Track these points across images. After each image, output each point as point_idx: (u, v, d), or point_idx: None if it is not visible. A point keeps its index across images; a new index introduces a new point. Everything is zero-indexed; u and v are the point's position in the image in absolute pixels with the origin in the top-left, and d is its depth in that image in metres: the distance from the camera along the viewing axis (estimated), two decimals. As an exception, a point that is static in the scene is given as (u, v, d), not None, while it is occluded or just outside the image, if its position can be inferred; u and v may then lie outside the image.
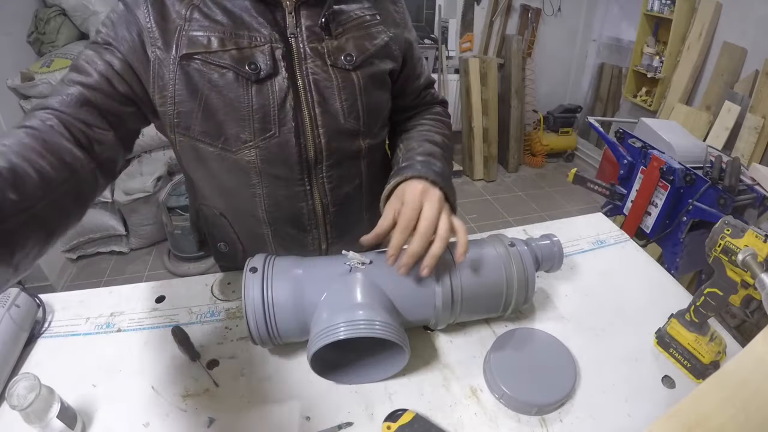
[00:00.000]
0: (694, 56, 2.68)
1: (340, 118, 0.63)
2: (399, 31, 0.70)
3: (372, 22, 0.66)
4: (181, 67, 0.56)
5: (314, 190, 0.68)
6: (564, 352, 0.64)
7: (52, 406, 0.51)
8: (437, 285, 0.61)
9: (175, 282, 0.79)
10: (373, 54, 0.65)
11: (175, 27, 0.56)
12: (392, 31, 0.68)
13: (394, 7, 0.70)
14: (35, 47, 2.21)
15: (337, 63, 0.62)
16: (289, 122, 0.60)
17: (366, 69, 0.64)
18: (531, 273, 0.65)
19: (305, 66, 0.60)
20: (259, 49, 0.57)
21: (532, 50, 3.52)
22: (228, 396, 0.60)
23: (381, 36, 0.66)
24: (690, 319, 0.64)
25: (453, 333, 0.70)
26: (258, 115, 0.58)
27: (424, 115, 0.79)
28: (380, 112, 0.71)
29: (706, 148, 1.69)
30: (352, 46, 0.62)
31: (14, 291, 0.66)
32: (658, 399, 0.61)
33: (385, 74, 0.68)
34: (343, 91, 0.62)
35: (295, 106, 0.60)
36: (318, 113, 0.62)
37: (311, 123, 0.62)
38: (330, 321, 0.55)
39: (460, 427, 0.57)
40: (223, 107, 0.58)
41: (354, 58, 0.62)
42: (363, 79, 0.64)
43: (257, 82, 0.57)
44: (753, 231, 0.54)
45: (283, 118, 0.60)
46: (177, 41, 0.55)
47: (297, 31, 0.60)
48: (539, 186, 3.37)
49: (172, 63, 0.56)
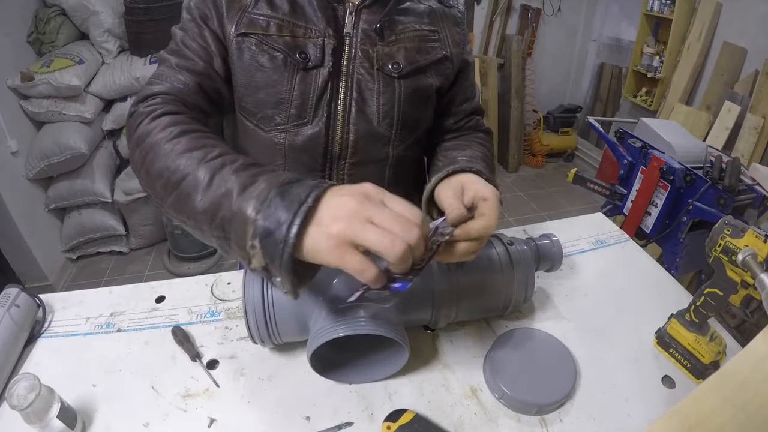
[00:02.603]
0: (694, 56, 2.68)
1: (373, 121, 0.65)
2: (457, 51, 0.70)
3: (430, 37, 0.67)
4: (237, 44, 0.60)
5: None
6: (564, 352, 0.64)
7: (52, 406, 0.51)
8: (437, 283, 0.61)
9: (175, 282, 0.79)
10: (423, 67, 0.66)
11: (241, 6, 0.60)
12: (450, 49, 0.69)
13: (457, 29, 0.71)
14: (35, 47, 2.21)
15: (383, 68, 0.63)
16: (323, 114, 0.62)
17: (411, 80, 0.65)
18: (531, 272, 0.65)
19: (353, 65, 0.63)
20: (312, 40, 0.60)
21: (532, 50, 3.51)
22: (228, 396, 0.60)
23: (436, 52, 0.67)
24: (690, 319, 0.64)
25: (453, 333, 0.70)
26: (297, 101, 0.61)
27: (465, 137, 0.76)
28: (417, 124, 0.70)
29: (706, 148, 1.69)
30: (402, 55, 0.64)
31: (14, 291, 0.66)
32: (658, 399, 0.61)
33: (430, 89, 0.68)
34: (382, 95, 0.64)
35: (333, 100, 0.62)
36: (353, 112, 0.63)
37: (344, 119, 0.64)
38: (330, 319, 0.55)
39: (460, 427, 0.57)
40: (266, 87, 0.61)
41: (401, 66, 0.64)
42: (405, 88, 0.65)
43: (304, 70, 0.60)
44: (753, 231, 0.54)
45: (318, 109, 0.62)
46: (239, 19, 0.60)
47: (353, 31, 0.62)
48: (539, 186, 3.37)
49: (231, 38, 0.60)
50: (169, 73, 0.58)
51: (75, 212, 2.30)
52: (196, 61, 0.59)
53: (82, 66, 2.12)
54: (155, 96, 0.56)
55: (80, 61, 2.13)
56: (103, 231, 2.34)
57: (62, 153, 2.06)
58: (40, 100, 2.09)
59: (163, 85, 0.57)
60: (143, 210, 2.36)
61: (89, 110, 2.19)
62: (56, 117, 2.13)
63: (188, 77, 0.58)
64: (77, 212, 2.30)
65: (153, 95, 0.56)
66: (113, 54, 2.33)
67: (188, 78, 0.58)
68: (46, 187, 2.23)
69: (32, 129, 2.17)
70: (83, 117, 2.17)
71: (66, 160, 2.08)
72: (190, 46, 0.60)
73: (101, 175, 2.27)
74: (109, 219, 2.33)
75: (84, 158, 2.17)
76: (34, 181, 2.16)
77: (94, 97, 2.26)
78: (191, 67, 0.59)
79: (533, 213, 3.01)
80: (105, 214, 2.32)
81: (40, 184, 2.22)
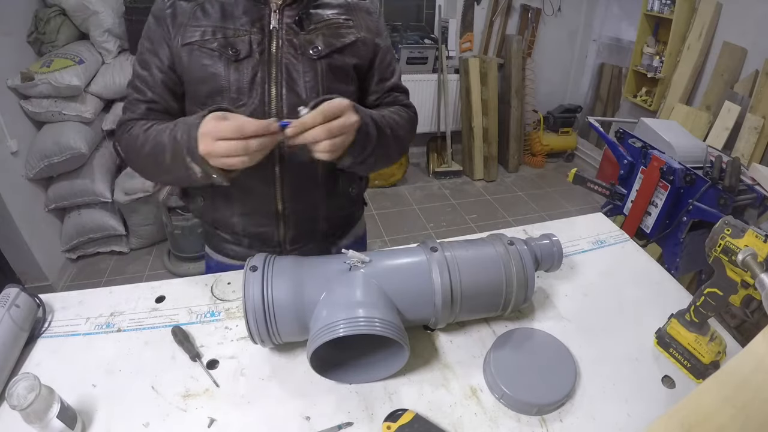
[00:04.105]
0: (694, 56, 2.68)
1: (302, 95, 0.76)
2: (370, 36, 0.83)
3: (344, 24, 0.80)
4: (183, 52, 0.74)
5: (275, 154, 0.77)
6: (564, 352, 0.64)
7: (52, 406, 0.51)
8: (437, 283, 0.61)
9: (175, 282, 0.79)
10: (339, 49, 0.78)
11: (182, 23, 0.75)
12: (363, 34, 0.82)
13: (369, 17, 0.84)
14: (35, 47, 2.21)
15: (305, 53, 0.76)
16: (257, 94, 0.75)
17: (329, 59, 0.77)
18: (530, 272, 0.65)
19: (281, 53, 0.75)
20: (240, 38, 0.74)
21: (532, 50, 3.51)
22: (228, 396, 0.60)
23: (349, 36, 0.80)
24: (690, 319, 0.64)
25: (453, 333, 0.70)
26: (234, 87, 0.74)
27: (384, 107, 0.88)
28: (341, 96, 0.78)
29: (706, 148, 1.69)
30: (320, 41, 0.77)
31: (14, 291, 0.66)
32: (658, 399, 0.61)
33: (348, 67, 0.80)
34: (307, 74, 0.76)
35: (266, 83, 0.75)
36: (284, 90, 0.76)
37: (277, 97, 0.76)
38: (330, 319, 0.55)
39: (460, 427, 0.57)
40: (210, 80, 0.74)
41: (319, 50, 0.76)
42: (325, 67, 0.77)
43: (236, 62, 0.73)
44: (753, 231, 0.54)
45: (252, 91, 0.74)
46: (182, 33, 0.74)
47: (279, 26, 0.76)
48: (539, 186, 3.37)
49: (179, 49, 0.75)
50: (132, 107, 0.78)
51: (75, 212, 2.30)
52: (147, 92, 0.77)
53: (82, 66, 2.12)
54: (125, 122, 0.78)
55: (80, 61, 2.13)
56: (103, 231, 2.33)
57: (62, 153, 2.06)
58: (40, 100, 2.09)
59: (128, 115, 0.78)
60: (143, 210, 2.36)
61: (89, 110, 2.19)
62: (56, 117, 2.13)
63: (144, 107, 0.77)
64: (77, 212, 2.30)
65: (125, 122, 0.78)
66: (113, 54, 2.33)
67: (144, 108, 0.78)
68: (46, 187, 2.23)
69: (32, 129, 2.17)
70: (83, 117, 2.17)
71: (66, 160, 2.08)
72: (144, 79, 0.77)
73: (101, 175, 2.27)
74: (109, 219, 2.33)
75: (84, 158, 2.17)
76: (34, 181, 2.16)
77: (94, 97, 2.26)
78: (145, 99, 0.77)
79: (533, 213, 3.01)
80: (105, 214, 2.32)
81: (40, 184, 2.22)
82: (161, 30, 0.75)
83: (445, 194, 3.17)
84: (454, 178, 3.36)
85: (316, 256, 0.67)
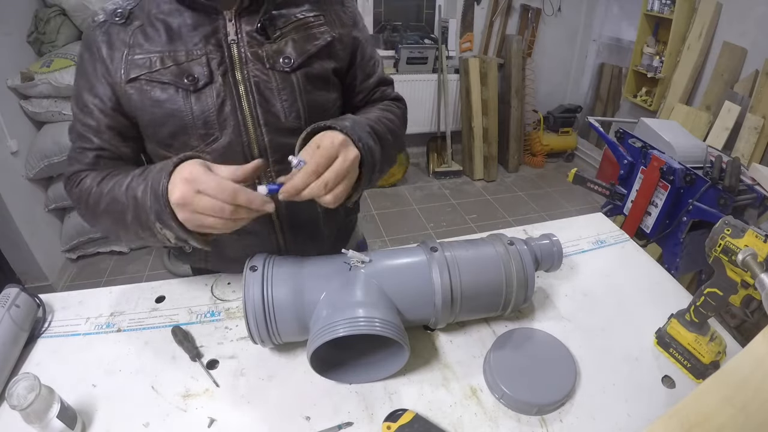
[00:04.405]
0: (694, 56, 2.68)
1: (281, 117, 0.66)
2: (346, 31, 0.72)
3: (314, 23, 0.68)
4: (129, 89, 0.62)
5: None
6: (564, 352, 0.64)
7: (52, 406, 0.51)
8: (437, 283, 0.61)
9: (175, 282, 0.79)
10: (314, 54, 0.67)
11: (121, 55, 0.62)
12: (337, 31, 0.71)
13: (342, 8, 0.73)
14: (35, 47, 2.21)
15: (275, 66, 0.65)
16: (230, 125, 0.64)
17: (305, 70, 0.67)
18: (530, 272, 0.65)
19: (246, 70, 0.64)
20: (195, 61, 0.62)
21: (532, 50, 3.51)
22: (228, 396, 0.60)
23: (323, 36, 0.69)
24: (690, 319, 0.64)
25: (453, 333, 0.70)
26: (199, 121, 0.63)
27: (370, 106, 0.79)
28: (324, 109, 0.71)
29: (706, 148, 1.69)
30: (291, 48, 0.66)
31: (14, 291, 0.66)
32: (658, 399, 0.61)
33: (327, 73, 0.70)
34: (282, 92, 0.65)
35: (237, 109, 0.64)
36: (260, 113, 0.65)
37: (254, 123, 0.65)
38: (330, 319, 0.55)
39: (460, 427, 0.57)
40: (170, 119, 0.63)
41: (292, 60, 0.65)
42: (302, 79, 0.66)
43: (195, 92, 0.62)
44: (753, 231, 0.54)
45: (223, 122, 0.64)
46: (124, 67, 0.62)
47: (237, 37, 0.63)
48: (539, 186, 3.37)
49: (123, 87, 0.63)
50: (78, 157, 0.67)
51: (75, 212, 2.30)
52: (93, 139, 0.66)
53: (82, 66, 2.12)
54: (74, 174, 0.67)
55: (80, 61, 2.13)
56: (103, 231, 2.33)
57: (62, 153, 2.06)
58: (40, 100, 2.09)
59: (75, 166, 0.67)
60: (143, 210, 2.35)
61: (89, 110, 2.19)
62: (56, 117, 2.13)
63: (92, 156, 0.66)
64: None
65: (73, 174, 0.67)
66: (113, 54, 2.33)
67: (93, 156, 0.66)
68: (46, 187, 2.23)
69: (32, 129, 2.17)
70: (83, 117, 2.17)
71: (66, 160, 2.08)
72: (87, 124, 0.65)
73: (101, 175, 2.27)
74: (109, 219, 2.32)
75: (84, 158, 2.16)
76: (34, 181, 2.16)
77: (94, 97, 2.26)
78: (92, 146, 0.66)
79: (533, 213, 3.01)
80: (105, 214, 2.32)
81: (40, 184, 2.22)
82: (97, 64, 0.63)
83: (445, 194, 3.17)
84: (454, 178, 3.36)
85: (316, 256, 0.67)
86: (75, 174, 0.67)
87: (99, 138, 0.66)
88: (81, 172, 0.67)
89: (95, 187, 0.62)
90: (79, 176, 0.66)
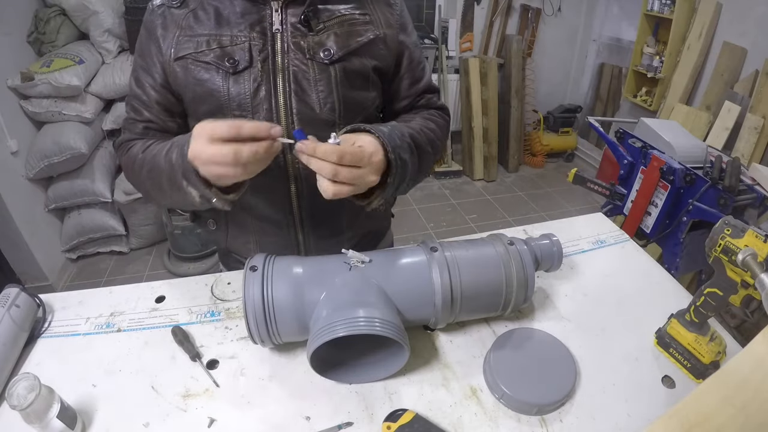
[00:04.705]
0: (694, 56, 2.68)
1: (315, 107, 0.68)
2: (391, 32, 0.73)
3: (359, 20, 0.70)
4: (176, 67, 0.67)
5: (289, 172, 0.71)
6: (564, 352, 0.64)
7: (52, 406, 0.51)
8: (437, 283, 0.61)
9: (175, 282, 0.79)
10: (355, 50, 0.69)
11: (173, 35, 0.67)
12: (382, 30, 0.71)
13: (389, 10, 0.73)
14: (35, 47, 2.21)
15: (315, 57, 0.67)
16: (263, 110, 0.66)
17: (344, 64, 0.68)
18: (530, 272, 0.65)
19: (287, 59, 0.67)
20: (239, 46, 0.65)
21: (532, 50, 3.51)
22: (228, 396, 0.60)
23: (367, 34, 0.70)
24: (690, 319, 0.64)
25: (453, 333, 0.70)
26: (234, 103, 0.66)
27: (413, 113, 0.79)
28: (361, 106, 0.72)
29: (706, 148, 1.69)
30: (333, 42, 0.67)
31: (14, 291, 0.66)
32: (658, 399, 0.61)
33: (367, 71, 0.71)
34: (319, 83, 0.67)
35: (272, 95, 0.66)
36: (294, 102, 0.67)
37: (286, 111, 0.67)
38: (330, 319, 0.55)
39: (460, 427, 0.56)
40: (209, 97, 0.67)
41: (332, 52, 0.67)
42: (340, 72, 0.68)
43: (234, 74, 0.65)
44: (753, 231, 0.54)
45: (256, 105, 0.66)
46: (175, 46, 0.67)
47: (282, 27, 0.67)
48: (539, 186, 3.37)
49: (171, 64, 0.67)
50: (130, 127, 0.73)
51: (75, 212, 2.30)
52: (143, 112, 0.71)
53: (82, 66, 2.12)
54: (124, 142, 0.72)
55: (80, 61, 2.13)
56: (103, 231, 2.33)
57: (62, 153, 2.06)
58: (40, 100, 2.09)
59: (126, 135, 0.73)
60: (143, 210, 2.36)
61: (89, 110, 2.19)
62: (56, 117, 2.13)
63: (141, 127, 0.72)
64: (77, 212, 2.30)
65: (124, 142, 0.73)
66: (113, 54, 2.33)
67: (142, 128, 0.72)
68: (46, 187, 2.23)
69: (32, 129, 2.17)
70: (83, 117, 2.17)
71: (66, 160, 2.08)
72: (139, 98, 0.71)
73: (101, 175, 2.27)
74: (109, 219, 2.33)
75: (84, 158, 2.17)
76: (34, 181, 2.16)
77: (94, 97, 2.26)
78: (141, 119, 0.71)
79: (533, 213, 3.01)
80: (105, 214, 2.32)
81: (40, 184, 2.22)
82: (152, 44, 0.68)
83: (445, 194, 3.17)
84: (454, 178, 3.36)
85: (316, 256, 0.67)
86: (126, 142, 0.72)
87: (149, 111, 0.71)
88: (131, 140, 0.72)
89: (140, 154, 0.67)
90: (128, 145, 0.71)
